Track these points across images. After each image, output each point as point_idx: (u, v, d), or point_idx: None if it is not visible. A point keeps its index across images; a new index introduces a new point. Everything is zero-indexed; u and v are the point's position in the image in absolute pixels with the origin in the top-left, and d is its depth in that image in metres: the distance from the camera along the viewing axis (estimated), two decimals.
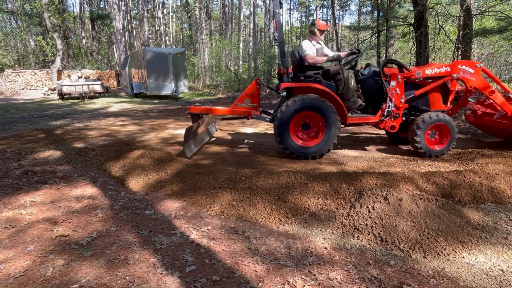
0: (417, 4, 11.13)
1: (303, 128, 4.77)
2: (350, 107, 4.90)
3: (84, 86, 15.59)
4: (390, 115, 4.74)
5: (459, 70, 4.67)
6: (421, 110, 4.88)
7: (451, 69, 4.68)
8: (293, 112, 4.53)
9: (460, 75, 4.69)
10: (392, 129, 4.82)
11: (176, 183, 3.68)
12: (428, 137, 4.69)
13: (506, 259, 2.35)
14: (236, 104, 5.18)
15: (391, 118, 4.76)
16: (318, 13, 44.52)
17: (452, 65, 4.71)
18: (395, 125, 4.81)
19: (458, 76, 4.69)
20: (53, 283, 2.05)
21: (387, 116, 4.75)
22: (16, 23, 31.78)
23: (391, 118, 4.76)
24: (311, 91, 4.60)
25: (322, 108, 4.49)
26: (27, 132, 7.16)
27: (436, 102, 4.89)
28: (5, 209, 3.16)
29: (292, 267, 2.23)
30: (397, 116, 4.75)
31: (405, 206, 2.73)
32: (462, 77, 4.69)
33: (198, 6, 26.93)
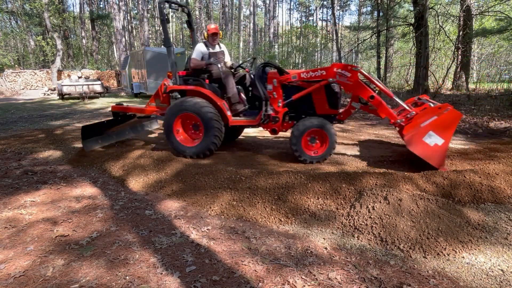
0: (417, 4, 11.14)
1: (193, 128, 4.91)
2: (237, 110, 4.88)
3: (84, 86, 15.59)
4: (269, 119, 4.67)
5: (335, 74, 4.33)
6: (307, 114, 4.75)
7: (326, 72, 4.39)
8: (175, 113, 4.74)
9: (336, 79, 4.35)
10: (273, 132, 4.79)
11: (176, 183, 3.68)
12: (309, 143, 4.54)
13: (506, 259, 2.35)
14: (149, 103, 5.37)
15: (271, 121, 4.69)
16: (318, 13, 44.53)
17: (327, 69, 4.41)
18: (277, 129, 4.74)
19: (334, 80, 4.35)
20: (53, 283, 2.05)
21: (266, 120, 4.69)
22: (16, 23, 31.78)
23: (272, 122, 4.69)
24: (195, 93, 4.75)
25: (198, 111, 4.58)
26: (27, 132, 7.16)
27: (322, 106, 4.70)
28: (5, 209, 3.16)
29: (292, 267, 2.23)
30: (277, 119, 4.65)
31: (405, 206, 2.73)
32: (338, 81, 4.35)
33: (198, 6, 26.94)
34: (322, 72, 4.42)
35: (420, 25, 11.07)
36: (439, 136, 3.78)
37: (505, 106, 8.70)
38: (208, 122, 4.58)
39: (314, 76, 4.46)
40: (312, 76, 4.47)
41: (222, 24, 32.50)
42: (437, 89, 11.89)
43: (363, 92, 4.29)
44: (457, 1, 14.29)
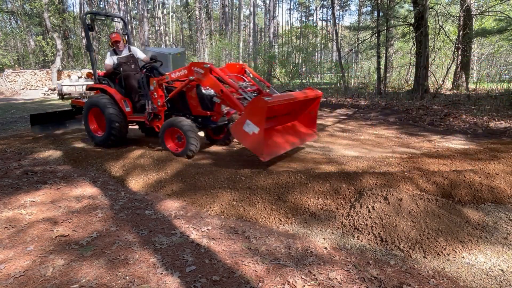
0: (417, 4, 11.14)
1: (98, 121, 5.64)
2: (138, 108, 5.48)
3: (84, 86, 15.58)
4: (152, 117, 5.16)
5: (193, 72, 4.54)
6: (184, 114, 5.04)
7: (187, 71, 4.62)
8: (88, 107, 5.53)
9: (195, 77, 4.54)
10: (158, 129, 5.12)
11: (176, 183, 3.68)
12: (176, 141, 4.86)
13: (506, 259, 2.35)
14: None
15: (155, 119, 5.16)
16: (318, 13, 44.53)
17: (187, 68, 4.64)
18: (159, 125, 5.10)
19: (193, 78, 4.56)
20: (53, 283, 2.05)
21: (150, 117, 5.16)
22: (16, 23, 31.77)
23: (156, 119, 5.16)
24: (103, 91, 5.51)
25: (100, 106, 5.25)
26: (27, 132, 7.16)
27: (195, 107, 4.96)
28: (5, 209, 3.16)
29: (292, 267, 2.23)
30: (159, 117, 5.10)
31: (405, 206, 2.73)
32: (196, 78, 4.53)
33: (198, 6, 26.94)
34: (184, 71, 4.68)
35: (420, 25, 11.07)
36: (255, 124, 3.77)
37: (505, 106, 8.70)
38: (109, 117, 5.15)
39: (180, 76, 4.75)
40: (179, 75, 4.76)
41: (222, 24, 32.50)
42: (437, 89, 11.88)
43: (215, 87, 4.46)
44: (457, 1, 14.29)
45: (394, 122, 7.80)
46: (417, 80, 11.84)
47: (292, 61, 21.39)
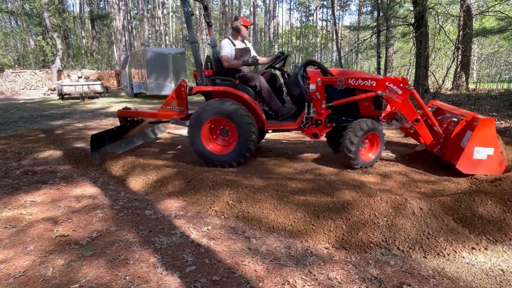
0: (417, 4, 11.14)
1: (222, 134, 4.43)
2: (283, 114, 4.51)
3: (84, 86, 15.59)
4: (312, 122, 4.33)
5: (386, 88, 4.18)
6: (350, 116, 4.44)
7: (376, 84, 4.18)
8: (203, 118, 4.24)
9: (385, 94, 4.19)
10: (314, 136, 4.40)
11: (176, 183, 3.68)
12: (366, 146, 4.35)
13: (506, 259, 2.35)
14: (163, 107, 4.88)
15: (313, 125, 4.34)
16: (318, 13, 44.52)
17: (378, 80, 4.20)
18: (318, 133, 4.36)
19: (383, 94, 4.19)
20: (53, 283, 2.05)
21: (307, 123, 4.35)
22: (16, 23, 31.78)
23: (313, 125, 4.34)
24: (226, 95, 4.28)
25: (231, 115, 4.14)
26: (27, 132, 7.16)
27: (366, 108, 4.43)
28: (5, 209, 3.16)
29: (292, 267, 2.23)
30: (319, 122, 4.31)
31: (407, 207, 2.73)
32: (387, 96, 4.20)
33: (198, 6, 26.94)
34: (372, 82, 4.19)
35: (420, 25, 11.07)
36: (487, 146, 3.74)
37: (505, 106, 8.71)
38: (243, 127, 4.14)
39: (363, 85, 4.22)
40: (361, 84, 4.22)
41: (222, 24, 32.50)
42: (437, 89, 11.89)
43: (409, 113, 4.20)
44: (457, 1, 14.29)
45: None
46: (417, 80, 11.85)
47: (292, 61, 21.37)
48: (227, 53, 4.38)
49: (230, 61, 4.35)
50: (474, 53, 17.65)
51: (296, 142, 6.06)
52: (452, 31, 14.61)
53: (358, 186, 3.66)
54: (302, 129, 4.46)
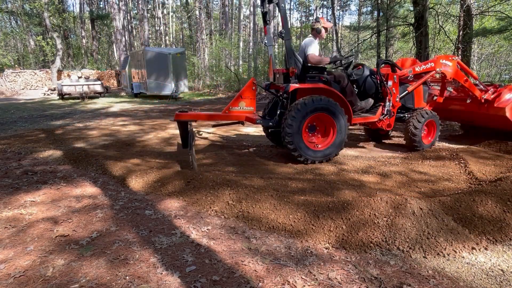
0: (417, 4, 11.13)
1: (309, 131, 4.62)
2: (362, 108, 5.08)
3: (84, 86, 15.59)
4: (389, 114, 5.02)
5: (441, 65, 5.17)
6: (407, 109, 5.33)
7: (434, 64, 5.17)
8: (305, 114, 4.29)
9: (442, 69, 5.19)
10: (388, 127, 5.12)
11: (176, 183, 3.68)
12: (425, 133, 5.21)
13: (506, 259, 2.35)
14: (229, 108, 4.69)
15: (387, 116, 5.03)
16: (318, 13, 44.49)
17: (434, 60, 5.20)
18: (391, 123, 5.11)
19: (441, 70, 5.19)
20: (53, 283, 2.05)
21: (386, 115, 5.01)
22: (16, 23, 31.78)
23: (388, 117, 5.04)
24: (319, 92, 4.42)
25: (334, 110, 4.41)
26: (27, 132, 7.16)
27: (419, 100, 5.37)
28: (5, 209, 3.16)
29: (292, 267, 2.23)
30: (393, 114, 5.06)
31: (407, 207, 2.72)
32: (444, 70, 5.20)
33: (198, 6, 26.94)
34: (431, 64, 5.19)
35: (420, 25, 11.06)
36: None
37: None
38: (343, 123, 4.49)
39: (426, 69, 5.16)
40: (424, 69, 5.17)
41: (222, 24, 32.47)
42: None
43: (460, 77, 5.28)
44: (457, 1, 14.27)
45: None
46: None
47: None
48: (314, 51, 4.55)
49: (321, 59, 4.57)
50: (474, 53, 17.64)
51: None
52: (452, 31, 14.59)
53: (358, 186, 3.66)
54: (379, 121, 5.07)
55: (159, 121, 8.76)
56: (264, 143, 5.89)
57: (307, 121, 4.38)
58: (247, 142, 6.04)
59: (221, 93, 18.01)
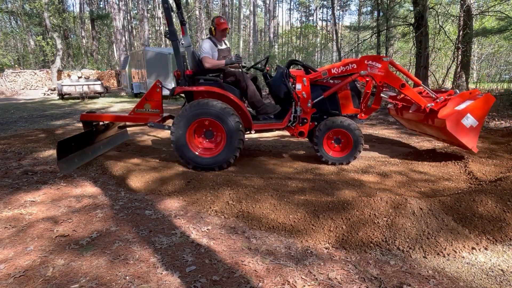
0: (417, 4, 11.13)
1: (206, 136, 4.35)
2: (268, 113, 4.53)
3: (84, 86, 15.59)
4: (298, 121, 4.43)
5: (366, 66, 4.37)
6: (332, 114, 4.56)
7: (357, 65, 4.36)
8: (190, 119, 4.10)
9: (368, 71, 4.37)
10: (301, 135, 4.50)
11: (176, 183, 3.68)
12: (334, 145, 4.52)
13: (506, 259, 2.35)
14: (135, 110, 4.60)
15: (299, 123, 4.44)
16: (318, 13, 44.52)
17: (358, 61, 4.38)
18: (304, 131, 4.48)
19: (366, 72, 4.37)
20: (53, 283, 2.05)
21: (294, 122, 4.44)
22: (16, 23, 31.79)
23: (299, 124, 4.45)
24: (210, 95, 4.19)
25: (219, 115, 4.05)
26: (27, 132, 7.17)
27: (346, 105, 4.58)
28: (5, 209, 3.16)
29: (292, 267, 2.23)
30: (305, 121, 4.43)
31: (407, 207, 2.73)
32: (370, 73, 4.38)
33: (198, 6, 26.95)
34: (353, 65, 4.37)
35: (420, 25, 11.07)
36: (475, 118, 4.12)
37: (505, 106, 8.70)
38: (232, 130, 4.08)
39: (345, 70, 4.40)
40: (343, 70, 4.40)
41: None
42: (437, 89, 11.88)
43: (394, 81, 4.42)
44: (457, 1, 14.28)
45: (394, 121, 7.79)
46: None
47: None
48: (208, 53, 4.32)
49: (211, 61, 4.30)
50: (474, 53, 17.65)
51: (296, 142, 6.06)
52: (452, 31, 14.60)
53: (358, 186, 3.66)
54: (288, 129, 4.53)
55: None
56: (264, 142, 5.90)
57: (191, 127, 4.16)
58: (247, 142, 6.04)
59: None
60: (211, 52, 4.36)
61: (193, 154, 4.19)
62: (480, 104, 4.15)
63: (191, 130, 4.20)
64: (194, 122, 4.15)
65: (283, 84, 4.42)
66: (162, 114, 4.64)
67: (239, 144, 4.16)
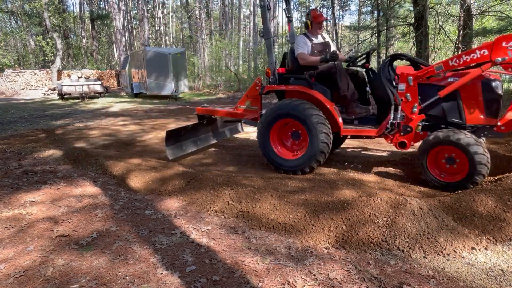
0: (417, 4, 11.13)
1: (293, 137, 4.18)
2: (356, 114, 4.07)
3: (84, 86, 15.60)
4: (397, 129, 3.64)
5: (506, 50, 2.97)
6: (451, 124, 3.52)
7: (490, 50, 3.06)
8: (273, 119, 4.02)
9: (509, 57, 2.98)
10: (401, 146, 3.70)
11: (176, 183, 3.68)
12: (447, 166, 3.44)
13: (506, 259, 2.35)
14: (238, 106, 4.85)
15: (399, 132, 3.65)
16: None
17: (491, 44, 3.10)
18: (407, 142, 3.64)
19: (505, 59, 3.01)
20: (53, 283, 2.06)
21: (392, 130, 3.65)
22: (16, 23, 31.80)
23: (400, 133, 3.65)
24: (299, 95, 4.01)
25: (302, 117, 3.80)
26: (27, 132, 7.17)
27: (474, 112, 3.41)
28: (5, 209, 3.16)
29: (292, 267, 2.23)
30: (409, 130, 3.59)
31: (407, 207, 2.73)
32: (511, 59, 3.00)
33: (198, 6, 26.95)
34: (482, 51, 3.10)
35: (420, 25, 11.07)
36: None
37: (505, 106, 8.69)
38: (315, 131, 3.77)
39: (471, 60, 3.17)
40: (467, 60, 3.19)
41: (222, 24, 32.48)
42: None
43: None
44: (457, 1, 14.28)
45: None
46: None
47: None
48: (303, 49, 4.14)
49: (306, 58, 4.11)
50: None
51: None
52: (452, 31, 14.60)
53: (358, 186, 3.66)
54: (386, 137, 3.81)
55: (159, 121, 8.76)
56: None
57: (275, 126, 4.05)
58: (248, 142, 6.04)
59: (221, 93, 18.00)
60: (305, 47, 4.16)
61: (273, 154, 4.09)
62: None
63: (274, 130, 4.09)
64: (278, 122, 4.03)
65: (381, 83, 3.72)
66: (261, 111, 4.61)
67: (323, 148, 3.80)
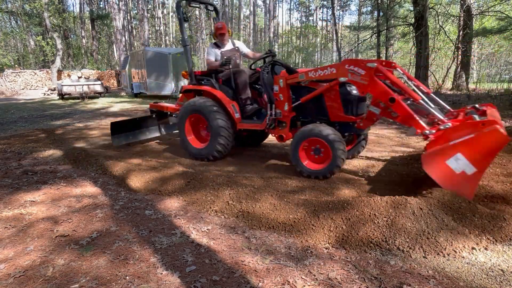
0: (417, 4, 11.14)
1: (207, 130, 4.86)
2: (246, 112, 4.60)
3: (84, 86, 15.60)
4: (275, 124, 4.26)
5: (347, 72, 3.63)
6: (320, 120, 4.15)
7: (337, 70, 3.73)
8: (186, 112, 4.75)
9: (348, 78, 3.64)
10: (280, 139, 4.33)
11: (176, 183, 3.68)
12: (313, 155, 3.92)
13: (506, 259, 2.35)
14: (178, 102, 5.43)
15: (278, 127, 4.27)
16: (318, 13, 44.51)
17: (337, 66, 3.75)
18: (284, 136, 4.27)
19: (346, 80, 3.67)
20: (53, 283, 2.06)
21: (271, 125, 4.25)
22: (16, 23, 31.80)
23: (279, 127, 4.27)
24: (208, 94, 4.71)
25: (205, 112, 4.53)
26: (27, 132, 7.17)
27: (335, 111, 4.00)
28: (5, 209, 3.16)
29: (292, 267, 2.23)
30: (284, 125, 4.22)
31: (407, 207, 2.73)
32: (350, 80, 3.64)
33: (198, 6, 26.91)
34: (332, 70, 3.78)
35: (420, 25, 11.08)
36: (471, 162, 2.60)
37: (505, 106, 8.71)
38: (215, 125, 4.45)
39: (323, 75, 3.86)
40: (321, 75, 3.87)
41: None
42: (437, 89, 11.89)
43: (381, 93, 3.45)
44: (457, 1, 14.28)
45: (394, 121, 7.80)
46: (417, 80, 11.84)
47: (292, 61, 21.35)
48: (211, 56, 4.92)
49: (210, 63, 4.87)
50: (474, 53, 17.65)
51: None
52: (452, 31, 14.60)
53: (358, 186, 3.66)
54: (270, 131, 4.42)
55: None
56: (264, 142, 5.89)
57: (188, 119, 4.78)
58: None
59: None
60: (213, 54, 4.91)
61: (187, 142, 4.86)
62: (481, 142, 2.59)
63: (188, 123, 4.83)
64: (190, 116, 4.77)
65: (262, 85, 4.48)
66: None
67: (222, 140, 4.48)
